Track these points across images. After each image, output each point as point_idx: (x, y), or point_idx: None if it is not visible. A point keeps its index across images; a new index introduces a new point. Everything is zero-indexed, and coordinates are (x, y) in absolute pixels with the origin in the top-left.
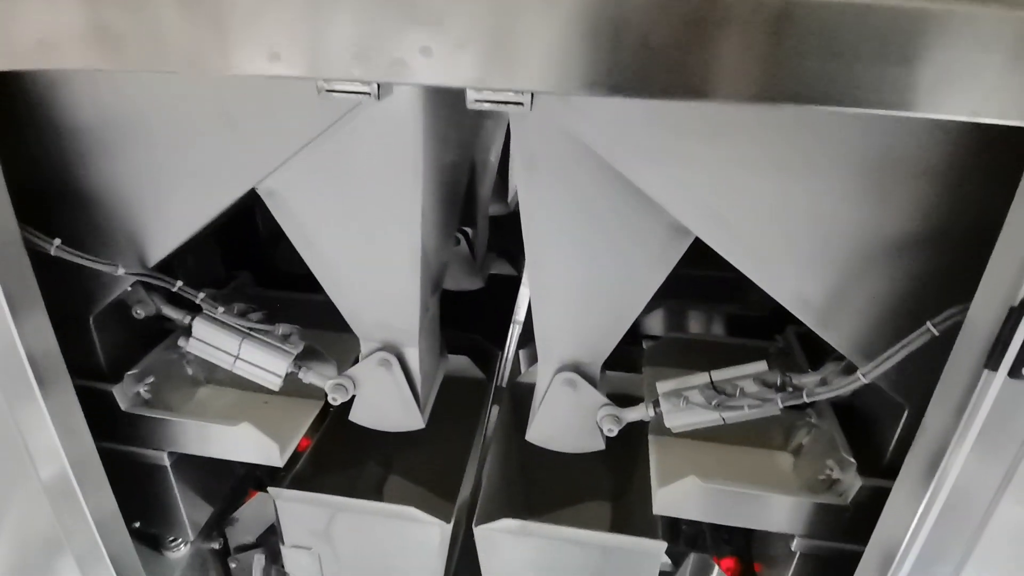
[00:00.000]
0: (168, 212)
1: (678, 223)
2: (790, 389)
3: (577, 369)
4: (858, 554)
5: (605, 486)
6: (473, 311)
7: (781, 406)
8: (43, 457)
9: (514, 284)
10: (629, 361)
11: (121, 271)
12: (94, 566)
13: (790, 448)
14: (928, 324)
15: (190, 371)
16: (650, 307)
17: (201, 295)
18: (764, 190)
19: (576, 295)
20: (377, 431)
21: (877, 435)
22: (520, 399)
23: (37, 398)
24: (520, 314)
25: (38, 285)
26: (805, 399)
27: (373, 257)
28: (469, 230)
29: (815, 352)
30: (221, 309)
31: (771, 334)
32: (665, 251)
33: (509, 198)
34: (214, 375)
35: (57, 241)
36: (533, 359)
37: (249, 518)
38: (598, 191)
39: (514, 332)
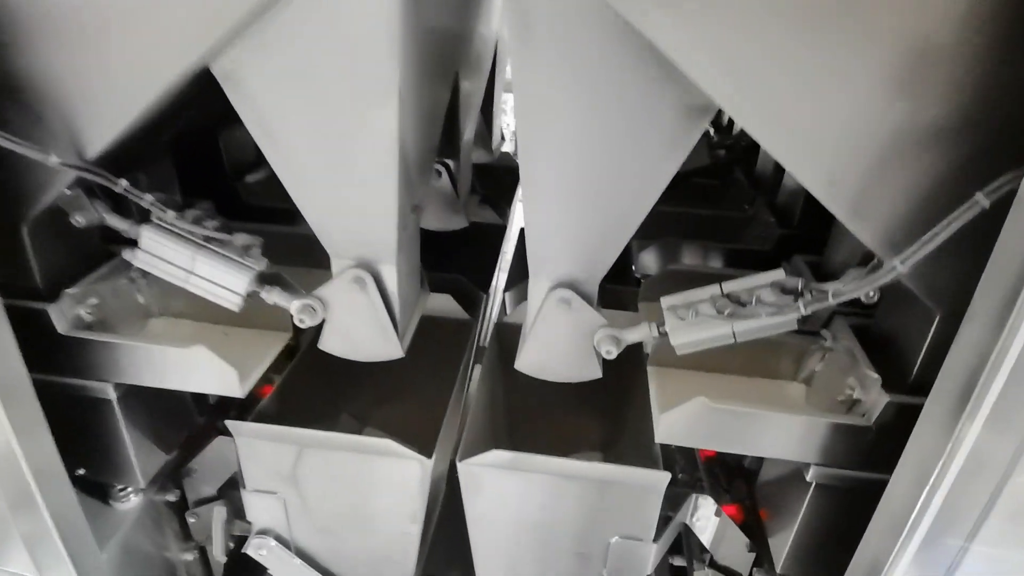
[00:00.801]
0: (108, 92)
1: (693, 102)
2: (812, 295)
3: (573, 287)
4: (880, 484)
5: (598, 428)
6: (457, 259)
7: (804, 312)
8: None
9: (499, 232)
10: (622, 303)
11: (54, 159)
12: (30, 520)
13: (801, 378)
14: (978, 195)
15: (141, 299)
16: (645, 245)
17: (149, 197)
18: (796, 51)
19: (575, 192)
20: (351, 372)
21: (901, 352)
22: (506, 340)
23: None
24: (506, 260)
25: None
26: (831, 300)
27: (344, 151)
28: (451, 163)
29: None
30: (172, 214)
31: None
32: (678, 136)
33: (493, 145)
34: (168, 305)
35: None
36: (517, 303)
37: (208, 468)
38: (604, 59)
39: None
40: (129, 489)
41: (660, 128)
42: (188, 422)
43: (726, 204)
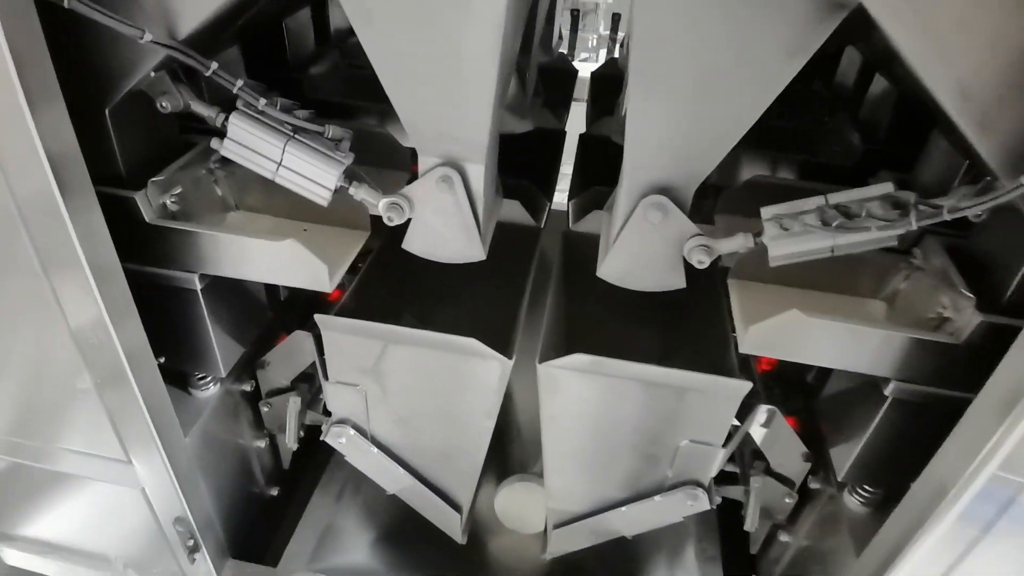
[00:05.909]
0: None
1: None
2: (924, 210)
3: (667, 193)
4: (958, 403)
5: (658, 338)
6: (518, 164)
7: (915, 227)
8: (66, 278)
9: (557, 137)
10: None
11: (148, 37)
12: (120, 399)
13: (882, 295)
14: None
15: (219, 192)
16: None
17: (239, 82)
18: None
19: (689, 89)
20: (422, 273)
21: (997, 272)
22: (573, 248)
23: (59, 206)
24: (567, 166)
25: None
26: (946, 215)
27: (447, 35)
28: (520, 61)
29: None
30: (263, 101)
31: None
32: (804, 36)
33: (554, 43)
34: (246, 199)
35: None
36: (582, 212)
37: (281, 361)
38: None
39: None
40: (208, 378)
41: (788, 21)
42: (263, 317)
43: (801, 115)
